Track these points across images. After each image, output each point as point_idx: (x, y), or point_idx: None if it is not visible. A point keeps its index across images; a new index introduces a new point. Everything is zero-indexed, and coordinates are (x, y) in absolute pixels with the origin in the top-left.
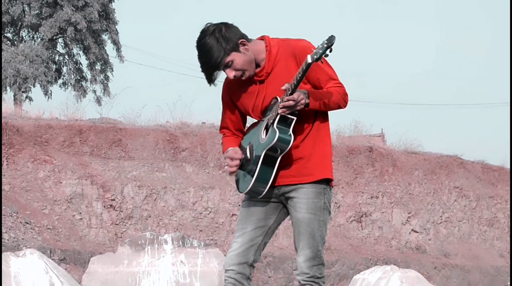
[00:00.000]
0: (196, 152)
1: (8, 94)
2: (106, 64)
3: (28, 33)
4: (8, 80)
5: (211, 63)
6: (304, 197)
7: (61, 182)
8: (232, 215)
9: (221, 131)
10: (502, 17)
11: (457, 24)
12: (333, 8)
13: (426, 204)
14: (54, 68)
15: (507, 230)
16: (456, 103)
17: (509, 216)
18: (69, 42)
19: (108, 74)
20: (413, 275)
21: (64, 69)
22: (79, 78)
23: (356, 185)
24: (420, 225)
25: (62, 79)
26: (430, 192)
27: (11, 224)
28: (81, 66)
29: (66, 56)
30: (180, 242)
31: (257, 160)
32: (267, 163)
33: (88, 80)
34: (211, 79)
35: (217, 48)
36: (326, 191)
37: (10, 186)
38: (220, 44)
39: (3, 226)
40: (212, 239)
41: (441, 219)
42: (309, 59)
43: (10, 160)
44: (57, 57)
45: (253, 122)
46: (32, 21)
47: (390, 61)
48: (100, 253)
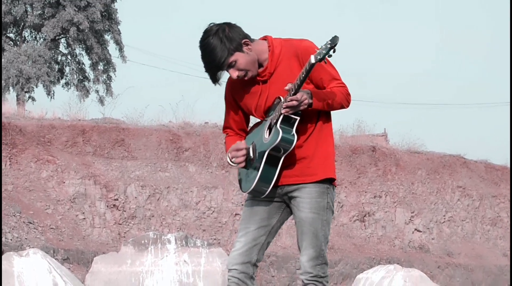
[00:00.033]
0: (199, 152)
1: (11, 94)
2: (109, 64)
3: (31, 33)
4: (11, 80)
5: (215, 63)
6: (307, 197)
7: (64, 182)
8: (235, 215)
9: (224, 131)
10: (502, 17)
11: (457, 24)
12: (333, 8)
13: (429, 204)
14: (57, 68)
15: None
16: (459, 103)
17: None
18: (72, 42)
19: (111, 74)
20: (417, 274)
21: (67, 69)
22: (82, 78)
23: (359, 185)
24: (423, 225)
25: (65, 79)
26: (433, 192)
27: (14, 224)
28: (84, 66)
29: (69, 56)
30: (183, 242)
31: (260, 160)
32: (270, 163)
33: (91, 80)
34: (215, 79)
35: (221, 48)
36: (329, 191)
37: (13, 186)
38: (224, 44)
39: (7, 226)
40: (215, 239)
41: (444, 219)
42: (313, 60)
43: (13, 160)
44: (60, 57)
45: (256, 122)
46: (35, 21)
47: (390, 61)
48: (103, 253)
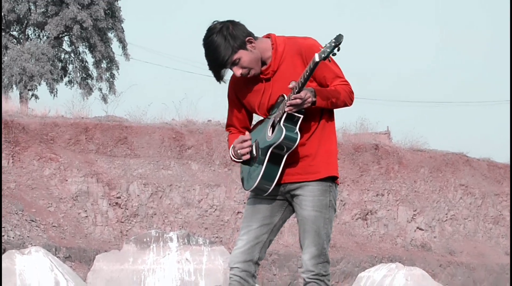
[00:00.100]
0: (202, 150)
1: (14, 92)
2: (112, 62)
3: (34, 31)
4: (14, 78)
5: (219, 61)
6: (310, 195)
7: (67, 180)
8: (238, 213)
9: (227, 129)
10: (502, 17)
11: (457, 24)
12: (333, 8)
13: (432, 202)
14: (60, 66)
15: None
16: (462, 101)
17: None
18: (75, 40)
19: (114, 72)
20: (418, 273)
21: (70, 67)
22: (85, 76)
23: (362, 183)
24: (426, 223)
25: (68, 77)
26: (436, 190)
27: (17, 222)
28: (87, 64)
29: (72, 54)
30: (186, 240)
31: (263, 158)
32: (273, 161)
33: (94, 78)
34: (219, 77)
35: (225, 46)
36: (332, 189)
37: (16, 184)
38: (228, 42)
39: (9, 224)
40: (218, 237)
41: (447, 217)
42: (317, 58)
43: (16, 158)
44: (63, 55)
45: (259, 120)
46: (38, 19)
47: (392, 60)
48: (105, 251)
